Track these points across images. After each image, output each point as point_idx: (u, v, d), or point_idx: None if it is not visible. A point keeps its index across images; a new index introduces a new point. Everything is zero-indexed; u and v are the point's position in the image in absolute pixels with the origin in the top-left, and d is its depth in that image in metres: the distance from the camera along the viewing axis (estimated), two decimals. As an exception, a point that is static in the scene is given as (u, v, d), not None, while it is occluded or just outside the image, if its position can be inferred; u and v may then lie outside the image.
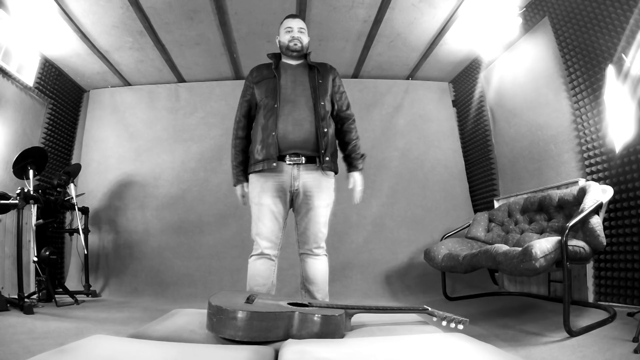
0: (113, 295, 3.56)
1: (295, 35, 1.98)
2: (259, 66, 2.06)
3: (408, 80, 4.29)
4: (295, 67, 2.01)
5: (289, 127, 1.85)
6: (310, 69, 2.00)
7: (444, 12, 3.09)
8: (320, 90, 1.94)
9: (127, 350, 0.92)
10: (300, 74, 1.98)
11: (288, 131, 1.85)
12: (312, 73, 1.98)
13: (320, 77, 1.97)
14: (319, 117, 1.88)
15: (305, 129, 1.87)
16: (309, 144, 1.87)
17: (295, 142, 1.86)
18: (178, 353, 0.92)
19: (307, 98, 1.91)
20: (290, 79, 1.95)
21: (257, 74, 2.02)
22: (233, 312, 1.06)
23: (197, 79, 4.19)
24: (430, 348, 0.95)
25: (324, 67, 2.04)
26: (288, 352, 0.90)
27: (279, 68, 1.98)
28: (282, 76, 1.95)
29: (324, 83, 1.97)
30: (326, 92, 1.97)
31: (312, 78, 1.96)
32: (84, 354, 0.87)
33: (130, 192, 3.98)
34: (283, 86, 1.92)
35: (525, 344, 1.79)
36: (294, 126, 1.86)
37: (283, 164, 1.87)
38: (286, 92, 1.91)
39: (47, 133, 3.73)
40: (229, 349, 0.97)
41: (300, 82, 1.95)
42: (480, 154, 3.95)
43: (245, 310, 1.06)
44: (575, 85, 2.66)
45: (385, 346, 0.96)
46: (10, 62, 3.11)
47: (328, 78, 2.01)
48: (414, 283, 3.56)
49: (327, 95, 1.97)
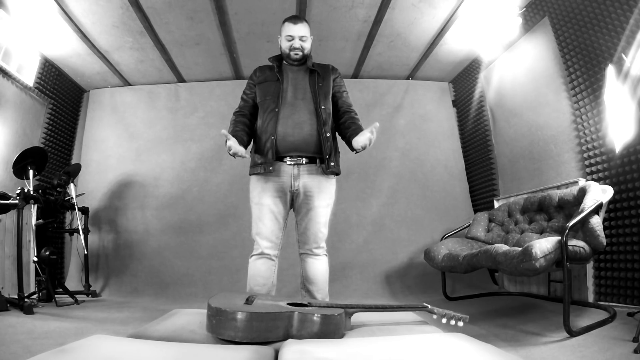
0: (113, 295, 3.56)
1: (297, 45, 1.95)
2: (262, 67, 2.06)
3: (408, 80, 4.29)
4: (297, 70, 2.00)
5: (288, 129, 1.86)
6: (311, 73, 1.98)
7: (444, 12, 3.09)
8: (320, 94, 1.93)
9: (127, 350, 0.92)
10: (302, 78, 1.97)
11: (288, 134, 1.86)
12: (313, 77, 1.97)
13: (321, 80, 1.97)
14: (321, 121, 1.88)
15: (305, 131, 1.87)
16: (309, 146, 1.88)
17: (295, 144, 1.86)
18: (178, 353, 0.92)
19: (307, 102, 1.91)
20: (292, 83, 1.95)
21: (260, 74, 2.03)
22: (232, 314, 1.06)
23: (197, 79, 4.19)
24: (430, 348, 0.95)
25: (324, 69, 2.03)
26: (288, 352, 0.90)
27: (281, 71, 1.98)
28: (284, 80, 1.95)
29: (325, 87, 1.97)
30: (327, 96, 1.96)
31: (312, 82, 1.96)
32: (84, 354, 0.87)
33: (130, 192, 3.98)
34: (284, 89, 1.92)
35: (525, 344, 1.79)
36: (294, 129, 1.86)
37: (283, 164, 1.88)
38: (287, 95, 1.92)
39: (47, 133, 3.73)
40: (229, 349, 0.97)
41: (301, 87, 1.95)
42: (480, 154, 3.95)
43: (244, 312, 1.06)
44: (575, 85, 2.66)
45: (385, 346, 0.96)
46: (10, 62, 3.11)
47: (329, 80, 2.00)
48: (414, 283, 3.56)
49: (328, 99, 1.97)
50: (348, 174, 3.52)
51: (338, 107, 2.02)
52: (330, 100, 1.98)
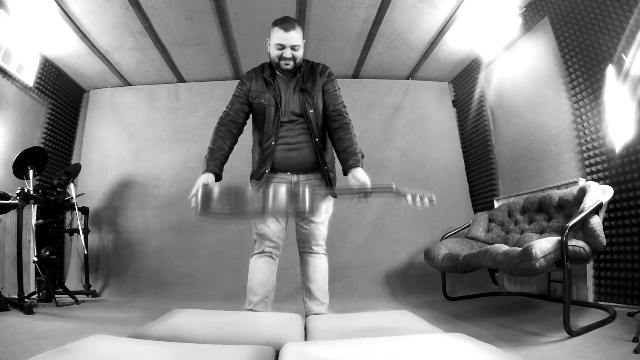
0: (113, 295, 3.56)
1: (288, 56, 1.80)
2: (256, 74, 1.94)
3: (408, 80, 4.29)
4: (288, 85, 1.91)
5: (287, 154, 1.86)
6: (301, 92, 1.87)
7: (444, 12, 3.09)
8: (314, 121, 1.86)
9: (127, 350, 0.93)
10: (294, 99, 1.88)
11: (286, 157, 1.86)
12: (304, 97, 1.86)
13: (311, 102, 1.86)
14: (318, 149, 1.87)
15: (303, 153, 1.87)
16: (307, 165, 1.90)
17: (292, 165, 1.88)
18: (178, 353, 0.92)
19: (302, 127, 1.88)
20: (285, 107, 1.88)
21: (255, 86, 1.91)
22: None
23: (197, 79, 4.19)
24: (430, 348, 0.95)
25: (313, 80, 1.90)
26: (288, 353, 0.90)
27: (278, 92, 1.87)
28: (281, 102, 1.87)
29: (316, 110, 1.88)
30: (319, 114, 1.90)
31: (303, 103, 1.86)
32: (84, 354, 0.87)
33: (130, 192, 3.98)
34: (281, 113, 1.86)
35: (525, 344, 1.79)
36: (291, 158, 1.87)
37: (283, 173, 1.91)
38: (283, 119, 1.87)
39: (47, 133, 3.73)
40: (229, 349, 0.97)
41: (293, 110, 1.88)
42: (480, 154, 3.95)
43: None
44: (575, 85, 2.66)
45: (385, 346, 0.96)
46: (10, 62, 3.11)
47: (319, 94, 1.89)
48: (414, 283, 3.56)
49: (320, 115, 1.90)
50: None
51: (326, 109, 1.91)
52: (321, 117, 1.91)
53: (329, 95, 1.92)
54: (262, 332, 1.20)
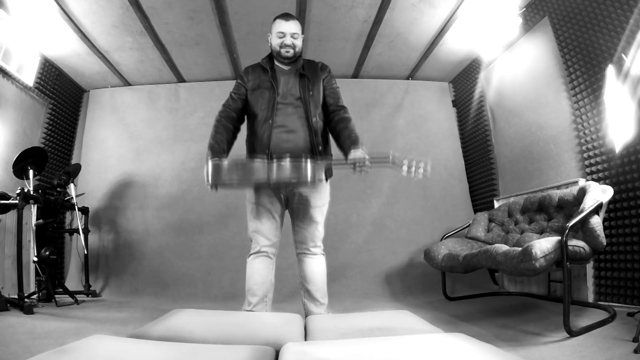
0: (113, 295, 3.56)
1: (288, 42, 1.89)
2: (253, 68, 2.00)
3: (408, 80, 4.29)
4: (288, 72, 1.95)
5: (282, 136, 1.86)
6: (301, 77, 1.92)
7: (444, 12, 3.09)
8: (311, 103, 1.89)
9: (127, 350, 0.93)
10: (293, 83, 1.92)
11: (282, 139, 1.86)
12: (303, 82, 1.91)
13: (311, 86, 1.91)
14: (312, 132, 1.87)
15: (298, 138, 1.87)
16: (303, 150, 1.88)
17: (288, 149, 1.87)
18: (178, 353, 0.92)
19: (299, 110, 1.89)
20: (283, 89, 1.90)
21: (252, 77, 1.95)
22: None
23: (197, 79, 4.19)
24: (430, 348, 0.95)
25: (314, 71, 1.96)
26: (288, 353, 0.90)
27: (275, 75, 1.92)
28: (278, 86, 1.90)
29: (315, 94, 1.92)
30: (318, 105, 1.93)
31: (303, 88, 1.90)
32: (84, 354, 0.87)
33: (130, 192, 3.97)
34: (277, 96, 1.89)
35: (525, 344, 1.79)
36: (288, 135, 1.86)
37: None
38: (280, 103, 1.88)
39: (47, 133, 3.73)
40: (229, 349, 0.97)
41: (292, 93, 1.91)
42: (480, 154, 3.95)
43: None
44: (575, 85, 2.66)
45: (385, 346, 0.96)
46: (10, 62, 3.11)
47: (319, 85, 1.95)
48: (414, 283, 3.56)
49: (319, 107, 1.94)
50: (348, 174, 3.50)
51: (327, 105, 1.97)
52: (320, 106, 1.95)
53: (330, 90, 1.98)
54: (262, 332, 1.20)
